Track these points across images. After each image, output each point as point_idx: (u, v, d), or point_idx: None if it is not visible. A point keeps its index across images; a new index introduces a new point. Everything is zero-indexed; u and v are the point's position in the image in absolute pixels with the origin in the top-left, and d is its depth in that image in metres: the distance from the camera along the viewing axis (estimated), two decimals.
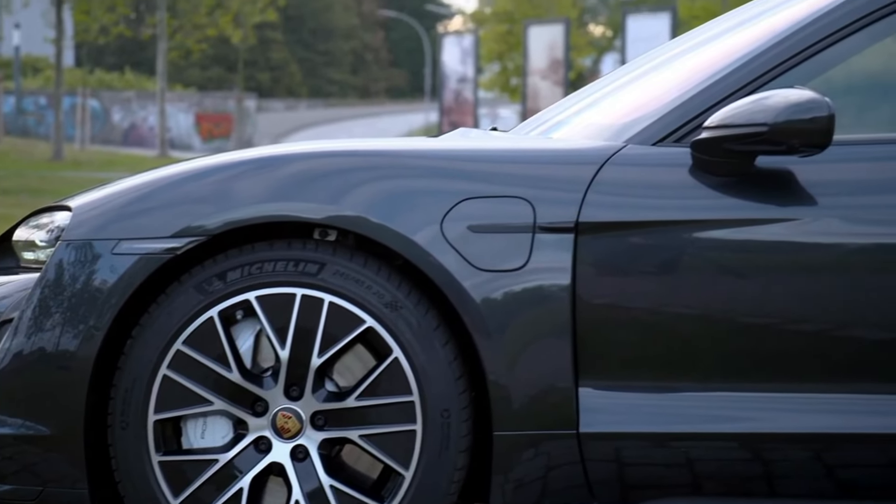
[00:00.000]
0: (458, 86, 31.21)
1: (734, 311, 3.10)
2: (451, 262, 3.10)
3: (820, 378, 3.11)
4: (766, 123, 3.05)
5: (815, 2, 3.31)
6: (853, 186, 3.13)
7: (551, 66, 27.55)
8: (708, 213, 3.12)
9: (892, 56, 3.54)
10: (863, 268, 3.10)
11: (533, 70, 27.93)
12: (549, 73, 27.61)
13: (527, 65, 28.01)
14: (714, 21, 3.80)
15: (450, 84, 31.39)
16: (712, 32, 3.62)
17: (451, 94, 31.42)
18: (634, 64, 3.78)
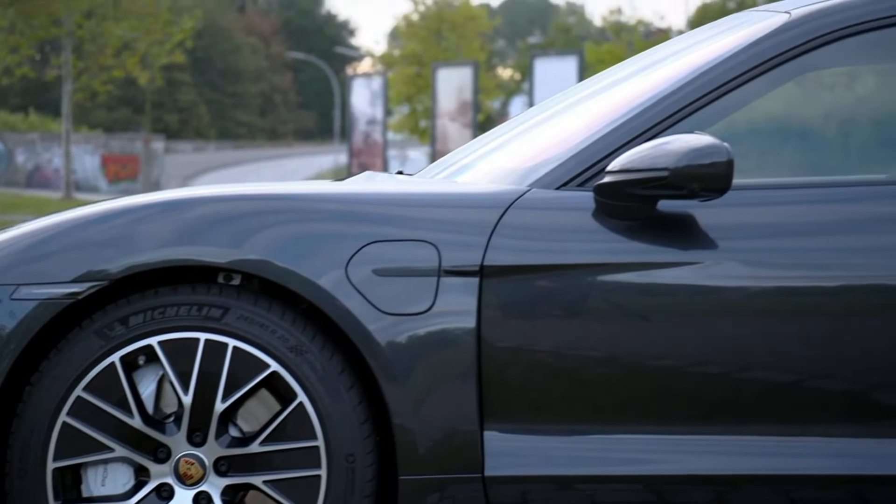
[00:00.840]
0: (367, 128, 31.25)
1: (638, 354, 3.13)
2: (356, 305, 3.10)
3: (723, 420, 3.13)
4: (667, 168, 3.08)
5: (717, 48, 3.36)
6: (753, 230, 3.17)
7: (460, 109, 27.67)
8: (611, 257, 3.15)
9: (791, 101, 3.60)
10: (762, 311, 3.14)
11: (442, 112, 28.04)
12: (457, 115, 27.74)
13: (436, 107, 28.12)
14: (618, 66, 3.84)
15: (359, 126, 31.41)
16: (616, 77, 3.66)
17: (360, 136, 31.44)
18: (540, 108, 3.81)
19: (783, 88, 3.34)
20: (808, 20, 3.29)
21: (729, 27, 3.55)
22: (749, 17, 3.55)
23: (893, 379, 3.12)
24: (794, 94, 3.56)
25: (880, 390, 3.13)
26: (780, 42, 3.27)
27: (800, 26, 3.28)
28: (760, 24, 3.37)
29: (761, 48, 3.27)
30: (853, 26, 3.27)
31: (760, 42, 3.28)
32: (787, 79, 3.30)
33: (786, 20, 3.31)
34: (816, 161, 3.72)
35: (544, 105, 3.81)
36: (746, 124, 3.46)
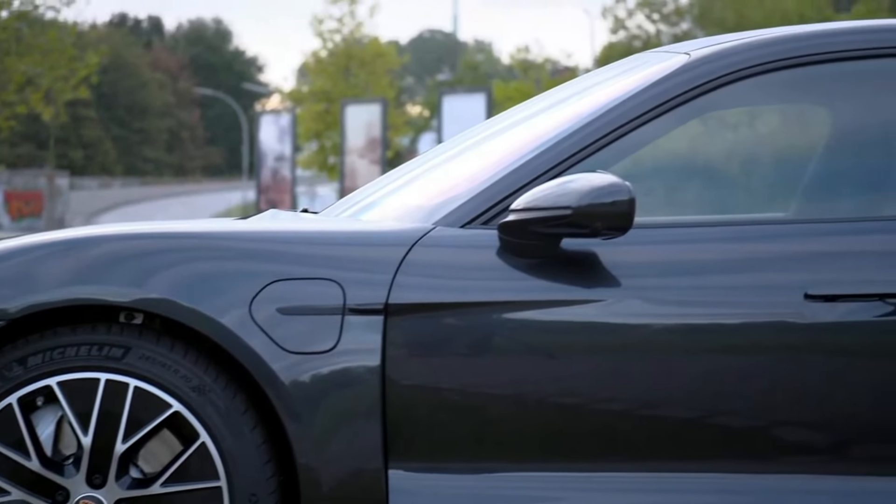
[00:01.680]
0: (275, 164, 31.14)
1: (543, 392, 3.13)
2: (259, 344, 3.08)
3: (628, 457, 3.15)
4: (569, 206, 3.10)
5: (619, 88, 3.39)
6: (655, 268, 3.20)
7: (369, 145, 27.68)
8: (515, 295, 3.16)
9: (692, 140, 3.65)
10: (664, 348, 3.16)
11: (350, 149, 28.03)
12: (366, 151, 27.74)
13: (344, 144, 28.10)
14: (523, 104, 3.87)
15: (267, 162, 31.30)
16: (520, 116, 3.68)
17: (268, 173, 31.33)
18: (446, 146, 3.82)
19: (685, 127, 3.38)
20: (707, 62, 3.33)
21: (630, 67, 3.58)
22: (650, 57, 3.60)
23: (792, 415, 3.16)
24: (696, 134, 3.60)
25: (779, 427, 3.16)
26: (679, 83, 3.31)
27: (698, 67, 3.33)
28: (660, 64, 3.41)
29: (661, 88, 3.31)
30: (750, 68, 3.32)
31: (661, 82, 3.32)
32: (688, 118, 3.34)
33: (685, 61, 3.36)
34: (718, 199, 3.76)
35: (450, 143, 3.82)
36: (649, 163, 3.50)
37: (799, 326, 3.14)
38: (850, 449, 3.15)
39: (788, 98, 3.54)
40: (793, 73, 3.34)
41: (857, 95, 3.40)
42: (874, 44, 3.35)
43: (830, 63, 3.34)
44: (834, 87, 3.41)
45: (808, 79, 3.37)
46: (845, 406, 3.14)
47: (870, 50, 3.34)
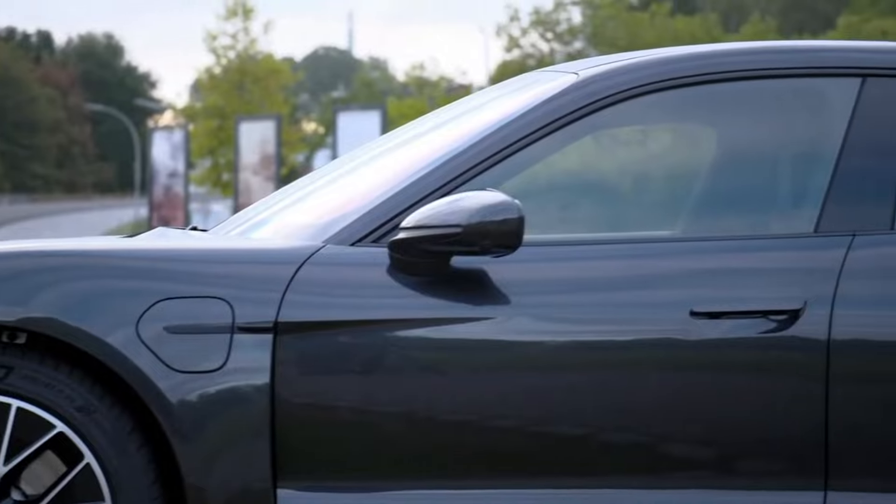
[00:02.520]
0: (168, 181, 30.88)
1: (435, 409, 3.13)
2: (146, 363, 3.05)
3: (520, 474, 3.16)
4: (459, 225, 3.11)
5: (509, 106, 3.41)
6: (544, 286, 3.22)
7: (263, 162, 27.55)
8: (405, 313, 3.15)
9: (584, 158, 3.67)
10: (554, 365, 3.18)
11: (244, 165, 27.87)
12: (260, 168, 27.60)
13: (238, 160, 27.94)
14: (414, 122, 3.87)
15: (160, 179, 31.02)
16: (413, 133, 3.68)
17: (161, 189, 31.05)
18: (337, 163, 3.81)
19: (575, 146, 3.40)
20: (594, 81, 3.36)
21: (520, 86, 3.60)
22: (539, 76, 3.62)
23: (679, 431, 3.19)
24: (587, 152, 3.63)
25: (666, 442, 3.19)
26: (567, 102, 3.33)
27: (586, 87, 3.35)
28: (549, 84, 3.44)
29: (550, 107, 3.33)
30: (637, 88, 3.35)
31: (549, 101, 3.34)
32: (577, 137, 3.36)
33: (573, 81, 3.38)
34: (608, 217, 3.79)
35: (342, 161, 3.82)
36: (539, 181, 3.52)
37: (685, 343, 3.18)
38: (736, 464, 3.19)
39: (676, 117, 3.58)
40: (679, 93, 3.38)
41: (742, 115, 3.45)
42: (758, 65, 3.40)
43: (716, 83, 3.39)
44: (719, 107, 3.46)
45: (695, 99, 3.41)
46: (731, 421, 3.18)
47: (754, 71, 3.39)
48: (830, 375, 3.16)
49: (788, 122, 3.43)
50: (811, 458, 3.18)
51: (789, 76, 3.40)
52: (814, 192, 3.32)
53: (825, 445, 3.17)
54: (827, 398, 3.16)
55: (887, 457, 3.18)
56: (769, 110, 3.42)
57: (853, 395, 3.17)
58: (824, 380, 3.17)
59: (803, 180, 3.40)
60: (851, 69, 3.37)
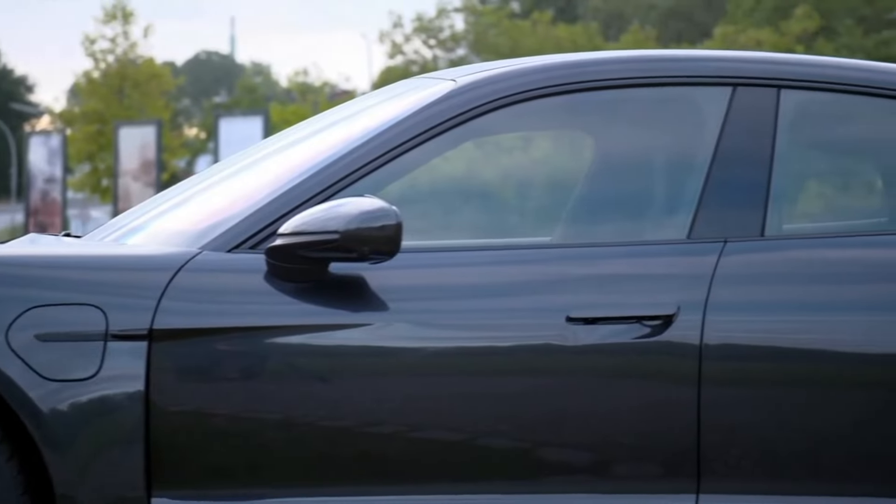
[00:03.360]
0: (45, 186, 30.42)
1: (313, 416, 3.12)
2: (16, 372, 3.00)
3: (400, 480, 3.16)
4: (337, 231, 3.11)
5: (387, 112, 3.41)
6: (422, 292, 3.22)
7: (143, 168, 27.27)
8: (283, 319, 3.14)
9: (464, 165, 3.69)
10: (433, 371, 3.19)
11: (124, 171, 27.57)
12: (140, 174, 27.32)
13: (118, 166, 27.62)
14: (295, 127, 3.86)
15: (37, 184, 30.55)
16: (292, 139, 3.67)
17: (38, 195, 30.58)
18: (215, 169, 3.78)
19: (455, 152, 3.41)
20: (472, 88, 3.38)
21: (399, 93, 3.61)
22: (418, 83, 3.63)
23: (556, 437, 3.21)
24: (466, 159, 3.64)
25: (545, 448, 3.21)
26: (445, 108, 3.34)
27: (464, 94, 3.37)
28: (427, 90, 3.45)
29: (428, 114, 3.34)
30: (515, 95, 3.37)
31: (427, 108, 3.35)
32: (455, 144, 3.38)
33: (452, 87, 3.39)
34: (488, 224, 3.81)
35: (219, 166, 3.79)
36: (419, 187, 3.52)
37: (561, 349, 3.20)
38: (612, 468, 3.22)
39: (554, 124, 3.61)
40: (556, 101, 3.41)
41: (618, 123, 3.48)
42: (633, 73, 3.44)
43: (592, 91, 3.42)
44: (595, 114, 3.49)
45: (571, 106, 3.44)
46: (607, 426, 3.21)
47: (629, 79, 3.43)
48: (702, 379, 3.21)
49: (662, 130, 3.47)
50: (684, 462, 3.22)
51: (663, 85, 3.44)
52: (687, 199, 3.36)
53: (697, 449, 3.21)
54: (699, 402, 3.21)
55: (757, 459, 3.23)
56: (644, 118, 3.47)
57: (724, 398, 3.22)
58: (696, 384, 3.21)
59: (677, 187, 3.44)
60: (723, 78, 3.43)
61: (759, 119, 3.38)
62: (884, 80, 3.45)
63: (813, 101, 3.44)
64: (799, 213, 3.62)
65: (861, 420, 3.23)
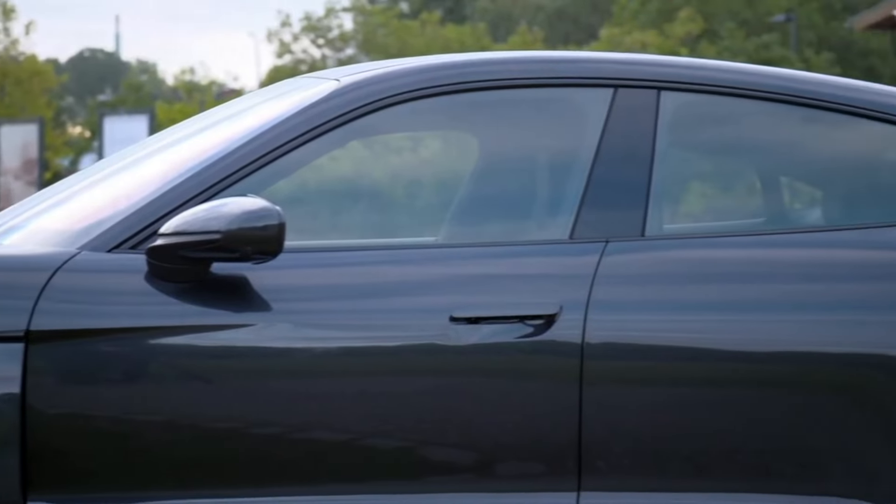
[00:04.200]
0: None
1: (197, 418, 3.10)
2: None
3: (286, 481, 3.14)
4: (219, 231, 3.08)
5: (271, 112, 3.39)
6: (306, 292, 3.21)
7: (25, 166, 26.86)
8: (164, 320, 3.11)
9: (350, 163, 3.69)
10: (318, 372, 3.18)
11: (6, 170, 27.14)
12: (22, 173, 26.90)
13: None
14: (178, 125, 3.82)
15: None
16: (174, 137, 3.63)
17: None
18: (96, 168, 3.74)
19: (340, 152, 3.41)
20: (355, 88, 3.37)
21: (283, 92, 3.60)
22: (302, 82, 3.62)
23: (441, 436, 3.22)
24: (351, 158, 3.64)
25: (429, 447, 3.22)
26: (328, 108, 3.34)
27: (347, 93, 3.36)
28: (311, 90, 3.43)
29: (311, 114, 3.33)
30: (399, 95, 3.37)
31: (310, 108, 3.34)
32: (339, 143, 3.37)
33: (335, 87, 3.39)
34: (372, 223, 3.81)
35: (101, 164, 3.74)
36: (303, 187, 3.51)
37: (445, 348, 3.21)
38: (495, 467, 3.23)
39: (438, 125, 3.62)
40: (440, 101, 3.41)
41: (501, 124, 3.50)
42: (516, 74, 3.46)
43: (475, 92, 3.43)
44: (479, 115, 3.50)
45: (455, 107, 3.45)
46: (490, 425, 3.22)
47: (512, 80, 3.45)
48: (584, 378, 3.23)
49: (545, 131, 3.49)
50: (565, 460, 3.24)
51: (545, 86, 3.47)
52: (569, 199, 3.39)
53: (578, 447, 3.24)
54: (581, 401, 3.23)
55: (638, 457, 3.26)
56: (527, 119, 3.49)
57: (605, 397, 3.25)
58: (578, 383, 3.24)
59: (559, 188, 3.46)
60: (604, 80, 3.46)
61: (639, 120, 3.42)
62: (762, 82, 3.51)
63: (692, 102, 3.48)
64: (679, 213, 3.67)
65: (739, 418, 3.28)
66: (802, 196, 3.81)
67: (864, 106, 3.49)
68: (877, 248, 3.36)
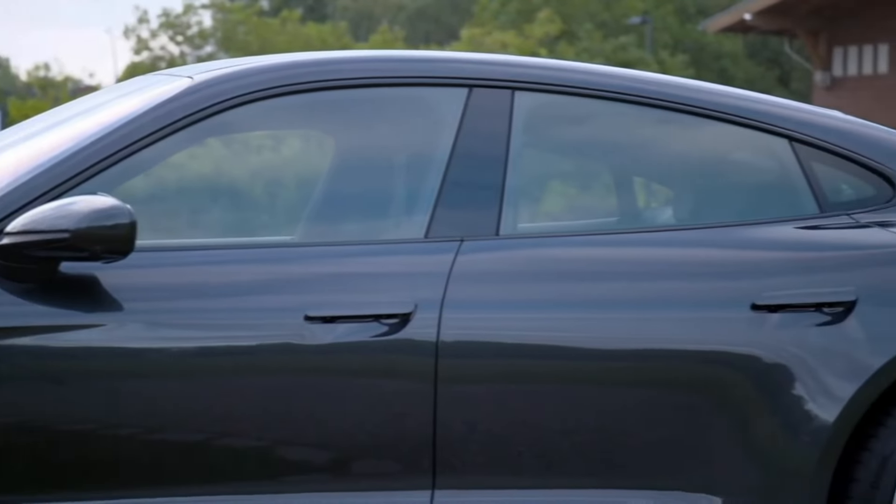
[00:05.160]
0: None
1: (48, 420, 3.05)
2: None
3: (141, 483, 3.11)
4: (68, 230, 3.04)
5: (124, 108, 3.35)
6: (159, 291, 3.17)
7: None
8: (11, 321, 3.06)
9: (206, 162, 3.65)
10: (170, 371, 3.14)
11: None
12: None
13: None
14: (27, 122, 3.76)
15: None
16: (23, 134, 3.57)
17: None
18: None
19: (195, 150, 3.38)
20: (209, 85, 3.34)
21: (136, 88, 3.55)
22: (154, 79, 3.58)
23: (297, 435, 3.21)
24: (208, 157, 3.61)
25: (286, 447, 3.20)
26: (182, 105, 3.30)
27: (200, 91, 3.33)
28: (163, 87, 3.40)
29: (165, 110, 3.29)
30: (253, 93, 3.35)
31: (164, 105, 3.30)
32: (193, 142, 3.34)
33: (188, 84, 3.35)
34: (229, 222, 3.78)
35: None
36: (156, 186, 3.47)
37: (300, 348, 3.20)
38: (351, 466, 3.23)
39: (294, 123, 3.60)
40: (294, 99, 3.40)
41: (357, 123, 3.50)
42: (371, 73, 3.46)
43: (331, 90, 3.42)
44: (335, 114, 3.50)
45: (310, 105, 3.44)
46: (346, 424, 3.22)
47: (367, 79, 3.45)
48: (439, 377, 3.25)
49: (401, 131, 3.50)
50: (420, 458, 3.25)
51: (401, 85, 3.47)
52: (424, 199, 3.40)
53: (433, 445, 3.25)
54: (435, 399, 3.25)
55: (491, 455, 3.28)
56: (383, 118, 3.49)
57: (460, 395, 3.26)
58: (433, 381, 3.25)
59: (415, 187, 3.47)
60: (459, 80, 3.47)
61: (494, 120, 3.44)
62: (615, 84, 3.55)
63: (546, 103, 3.51)
64: (534, 212, 3.70)
65: (590, 414, 3.32)
66: (660, 196, 3.87)
67: (713, 108, 3.56)
68: (723, 247, 3.42)
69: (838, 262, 3.38)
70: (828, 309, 3.35)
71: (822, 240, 3.43)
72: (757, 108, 3.57)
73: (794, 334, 3.33)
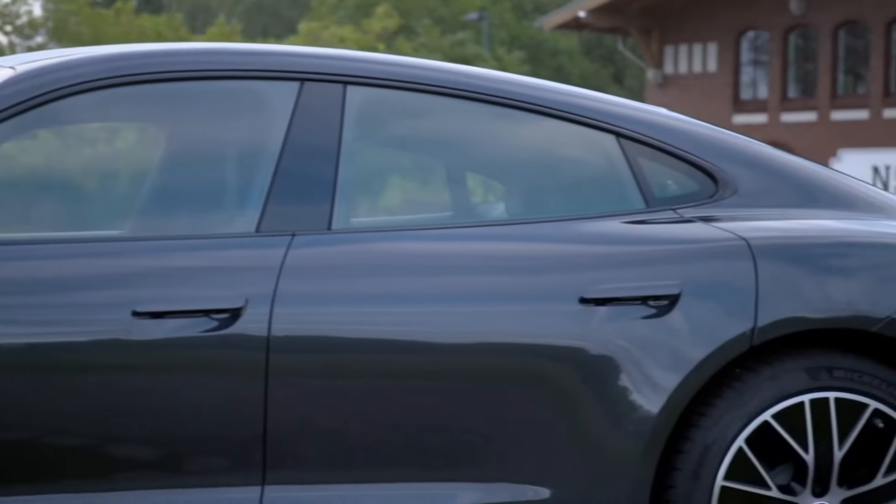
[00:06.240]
0: None
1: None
2: None
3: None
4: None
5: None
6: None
7: None
8: None
9: (33, 154, 3.58)
10: None
11: None
12: None
13: None
14: None
15: None
16: None
17: None
18: None
19: (25, 142, 3.31)
20: (32, 76, 3.28)
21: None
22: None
23: (127, 433, 3.17)
24: (34, 149, 3.54)
25: (116, 444, 3.17)
26: (2, 97, 3.24)
27: (22, 82, 3.27)
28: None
29: None
30: (75, 85, 3.30)
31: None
32: (17, 133, 3.28)
33: (10, 75, 3.29)
34: (56, 216, 3.71)
35: None
36: None
37: (129, 343, 3.16)
38: (181, 463, 3.20)
39: (123, 115, 3.56)
40: (120, 92, 3.35)
41: (187, 116, 3.46)
42: (201, 66, 3.42)
43: (158, 83, 3.38)
44: (164, 106, 3.46)
45: (137, 98, 3.40)
46: (176, 421, 3.19)
47: (197, 71, 3.42)
48: (270, 372, 3.23)
49: (232, 124, 3.48)
50: (251, 454, 3.23)
51: (232, 78, 3.45)
52: (256, 193, 3.38)
53: (263, 441, 3.24)
54: (266, 394, 3.23)
55: (322, 450, 3.28)
56: (214, 111, 3.46)
57: (291, 390, 3.26)
58: (264, 376, 3.23)
59: (246, 181, 3.45)
60: (291, 73, 3.46)
61: (325, 114, 3.43)
62: (448, 79, 3.57)
63: (379, 98, 3.52)
64: (367, 207, 3.70)
65: (419, 408, 3.33)
66: (496, 191, 3.91)
67: (543, 104, 3.59)
68: (553, 242, 3.47)
69: (663, 256, 3.44)
70: (653, 302, 3.41)
71: (648, 234, 3.49)
72: (585, 104, 3.62)
73: (621, 327, 3.38)
